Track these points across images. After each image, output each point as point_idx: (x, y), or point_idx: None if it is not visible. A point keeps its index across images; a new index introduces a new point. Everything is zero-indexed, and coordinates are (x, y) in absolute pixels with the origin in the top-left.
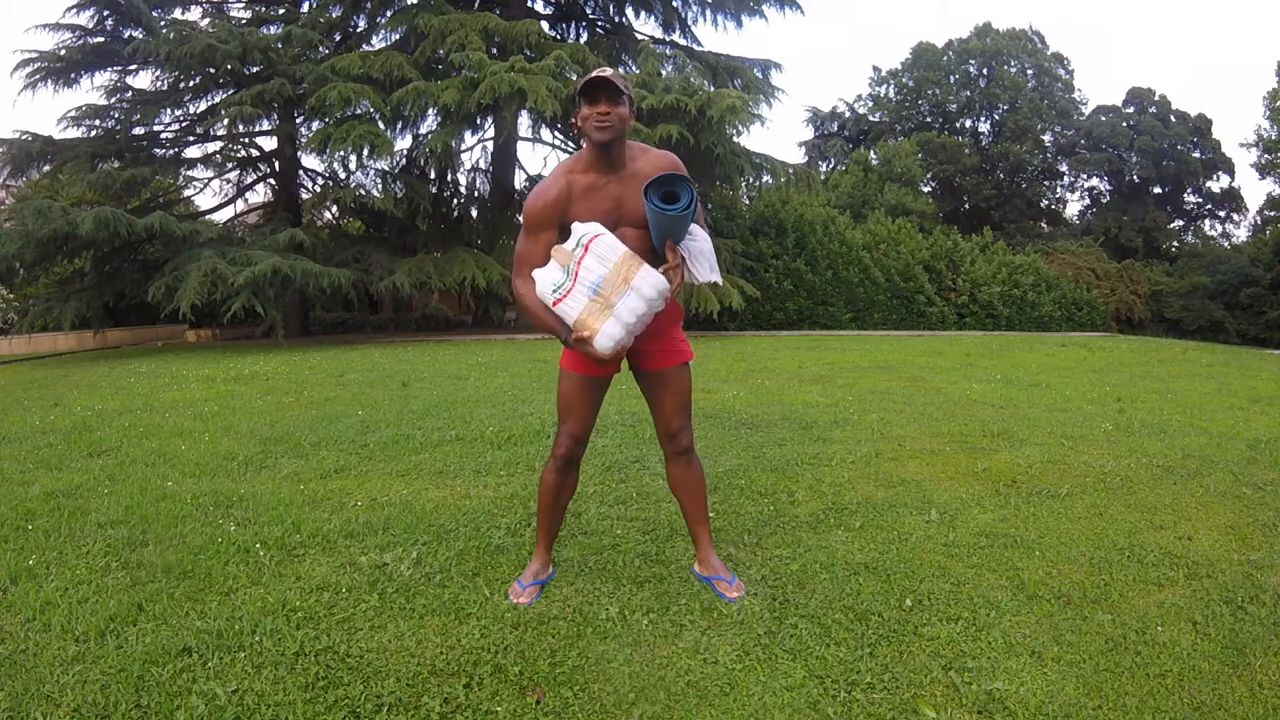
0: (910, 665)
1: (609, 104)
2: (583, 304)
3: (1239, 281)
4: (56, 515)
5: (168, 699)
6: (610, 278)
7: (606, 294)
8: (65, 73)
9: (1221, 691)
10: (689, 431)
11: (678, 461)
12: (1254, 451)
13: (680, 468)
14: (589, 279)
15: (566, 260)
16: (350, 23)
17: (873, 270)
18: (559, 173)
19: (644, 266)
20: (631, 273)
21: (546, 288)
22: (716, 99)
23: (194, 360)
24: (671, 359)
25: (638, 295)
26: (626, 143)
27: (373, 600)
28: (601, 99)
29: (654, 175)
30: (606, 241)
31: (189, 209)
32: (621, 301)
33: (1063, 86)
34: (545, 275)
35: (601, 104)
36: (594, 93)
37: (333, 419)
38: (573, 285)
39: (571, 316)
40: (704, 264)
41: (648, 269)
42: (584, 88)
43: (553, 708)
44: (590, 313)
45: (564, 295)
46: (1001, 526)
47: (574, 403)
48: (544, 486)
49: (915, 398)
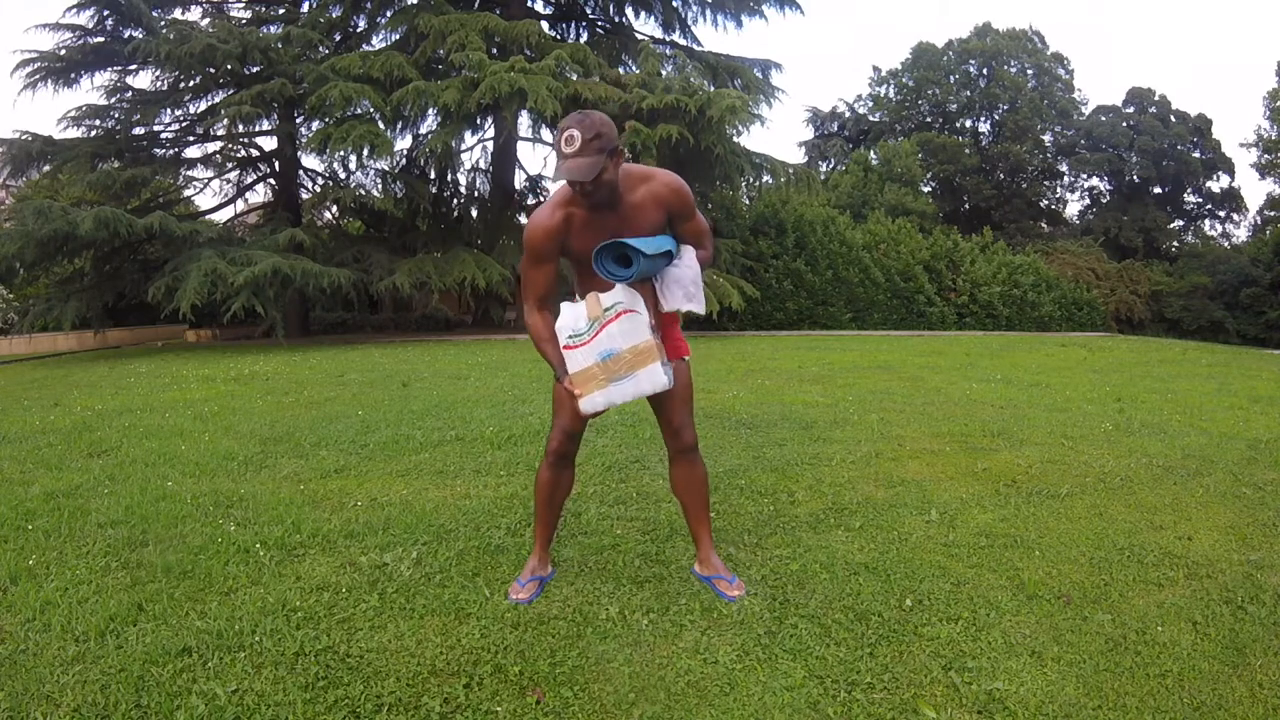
0: (910, 665)
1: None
2: (587, 364)
3: (1239, 281)
4: (56, 515)
5: (168, 699)
6: (623, 355)
7: (612, 368)
8: (65, 73)
9: (1221, 691)
10: (692, 428)
11: (681, 461)
12: (1254, 451)
13: (684, 468)
14: (605, 345)
15: (596, 314)
16: (350, 23)
17: (873, 270)
18: (558, 202)
19: (656, 363)
20: (642, 362)
21: (565, 329)
22: (716, 99)
23: (194, 360)
24: (671, 355)
25: (636, 385)
26: (623, 173)
27: (373, 600)
28: (578, 186)
29: (653, 207)
30: (638, 321)
31: (189, 209)
32: (620, 383)
33: (1063, 86)
34: (570, 318)
35: (579, 187)
36: (569, 180)
37: (333, 419)
38: (588, 342)
39: (571, 368)
40: (677, 291)
41: (657, 368)
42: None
43: (553, 708)
44: (589, 377)
45: (576, 345)
46: (1001, 526)
47: (567, 398)
48: (539, 483)
49: (915, 398)
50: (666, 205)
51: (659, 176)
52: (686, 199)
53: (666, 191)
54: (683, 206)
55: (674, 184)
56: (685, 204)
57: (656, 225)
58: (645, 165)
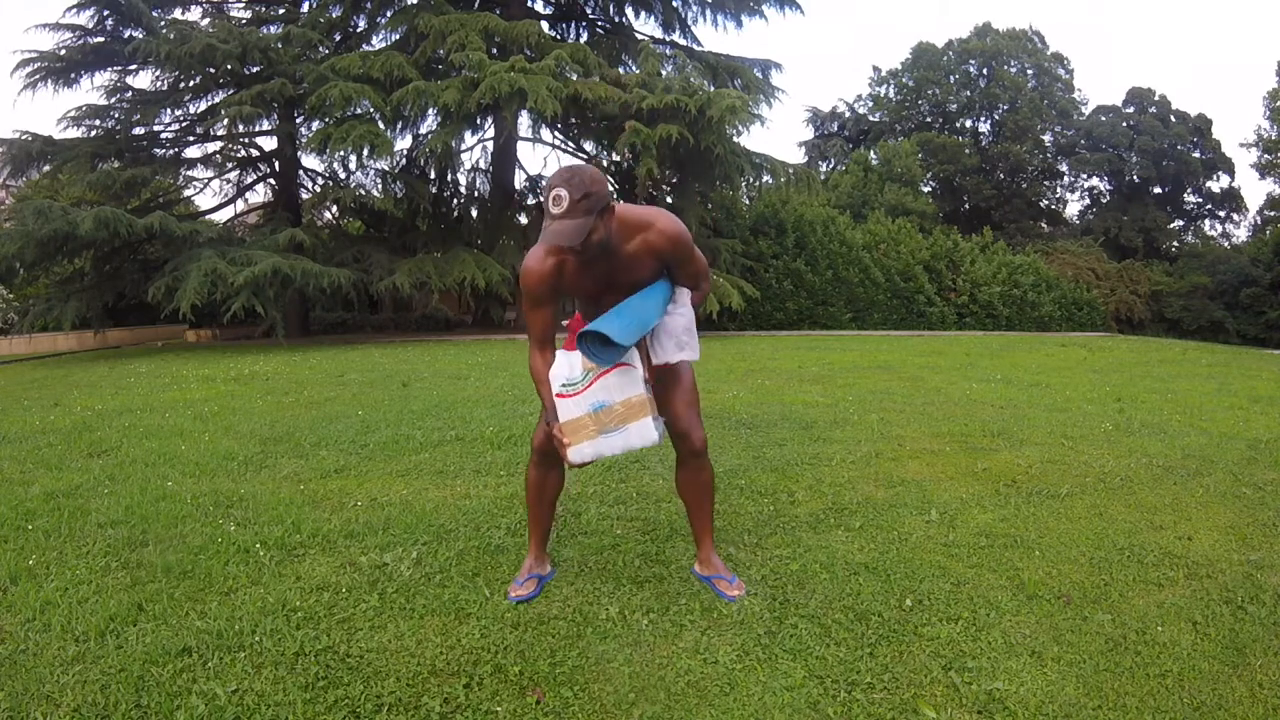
0: (910, 665)
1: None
2: (578, 414)
3: (1239, 281)
4: (56, 515)
5: (168, 699)
6: (615, 408)
7: (602, 420)
8: (65, 73)
9: (1221, 691)
10: (701, 430)
11: (690, 465)
12: (1254, 451)
13: (692, 471)
14: (597, 397)
15: (591, 365)
16: (350, 23)
17: (873, 270)
18: (550, 248)
19: (647, 419)
20: (634, 415)
21: (559, 378)
22: (716, 99)
23: (194, 360)
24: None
25: (625, 439)
26: (619, 220)
27: (373, 600)
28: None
29: (648, 257)
30: (632, 375)
31: (189, 209)
32: (609, 436)
33: (1063, 86)
34: (564, 367)
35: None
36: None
37: (333, 419)
38: (581, 392)
39: (562, 416)
40: (669, 343)
41: (648, 423)
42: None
43: (553, 708)
44: (580, 427)
45: (569, 395)
46: (1001, 526)
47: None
48: (528, 483)
49: (915, 398)
50: (662, 256)
51: (656, 224)
52: (682, 247)
53: (662, 241)
54: (679, 254)
55: (670, 233)
56: (682, 252)
57: (653, 273)
58: (643, 208)
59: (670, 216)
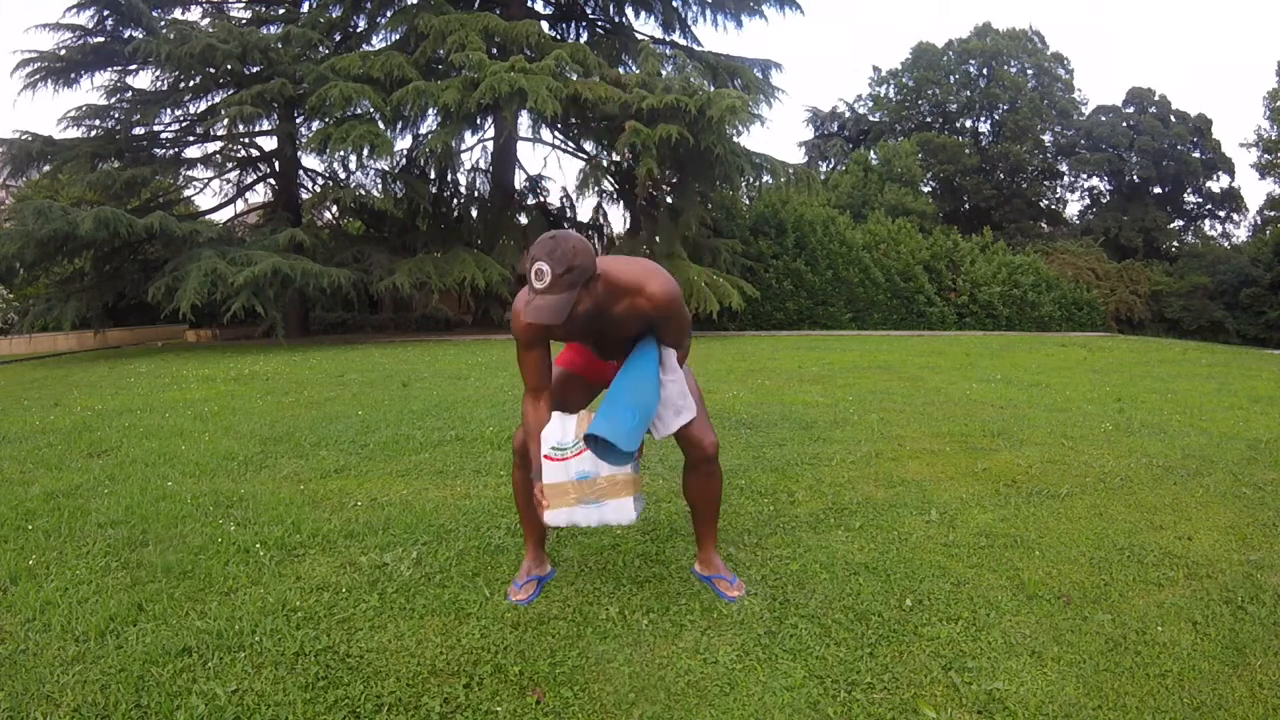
0: (910, 665)
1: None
2: (562, 480)
3: (1239, 281)
4: (56, 515)
5: (168, 699)
6: (599, 481)
7: (584, 490)
8: (65, 73)
9: (1221, 691)
10: (712, 433)
11: (701, 470)
12: (1254, 451)
13: (702, 477)
14: (584, 467)
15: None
16: (350, 23)
17: (873, 270)
18: None
19: (628, 499)
20: (616, 492)
21: (549, 439)
22: (716, 99)
23: (194, 360)
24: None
25: (601, 514)
26: (606, 283)
27: (373, 600)
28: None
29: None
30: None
31: (189, 209)
32: (587, 507)
33: (1063, 86)
34: (557, 429)
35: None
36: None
37: (333, 419)
38: (570, 458)
39: (546, 478)
40: (669, 415)
41: (628, 503)
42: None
43: (553, 708)
44: (561, 491)
45: (556, 458)
46: (1001, 526)
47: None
48: (515, 486)
49: (915, 398)
50: (650, 320)
51: (645, 289)
52: (670, 310)
53: (650, 307)
54: (667, 318)
55: (659, 299)
56: (670, 314)
57: (638, 330)
58: (633, 268)
59: (661, 279)
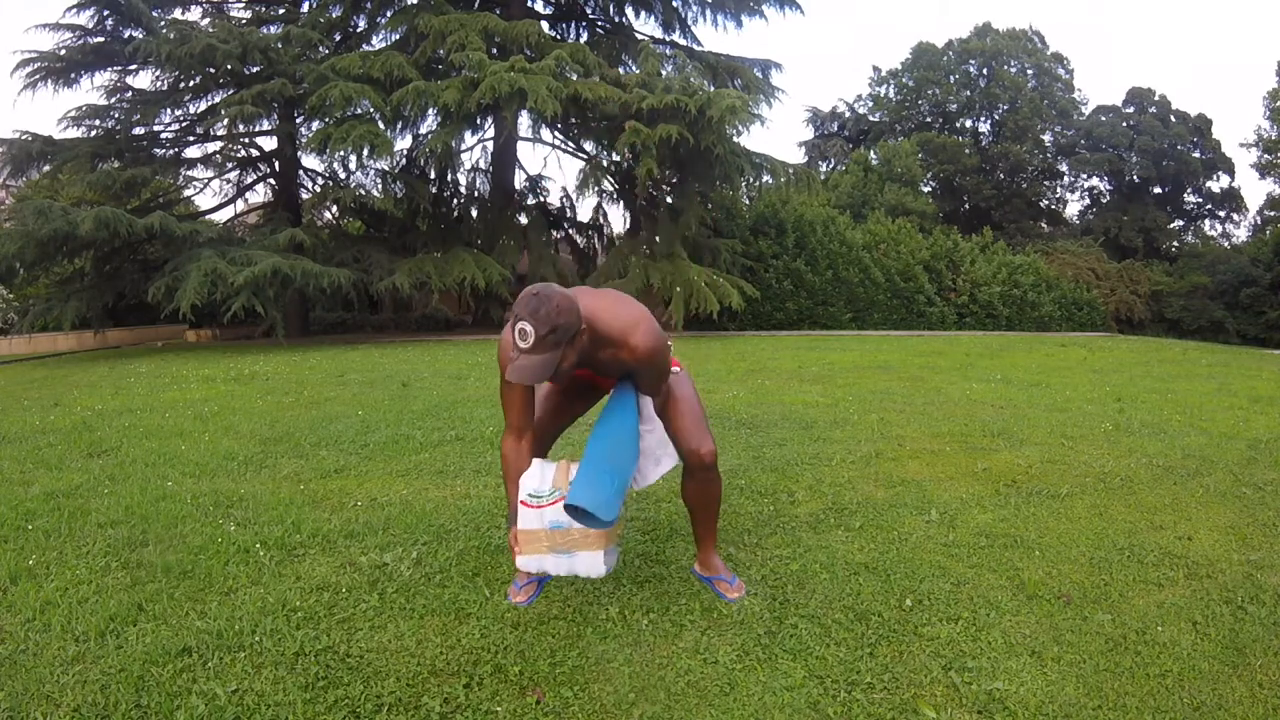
0: (910, 665)
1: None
2: (536, 527)
3: (1239, 281)
4: (56, 515)
5: (168, 699)
6: (573, 532)
7: (557, 540)
8: (65, 73)
9: (1221, 691)
10: (710, 442)
11: (698, 477)
12: (1254, 451)
13: (700, 484)
14: (559, 517)
15: (561, 484)
16: (350, 23)
17: (873, 270)
18: None
19: (599, 553)
20: (587, 545)
21: (527, 486)
22: (716, 99)
23: (194, 360)
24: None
25: (571, 564)
26: (592, 334)
27: (373, 600)
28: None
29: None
30: None
31: (189, 209)
32: (560, 555)
33: (1063, 86)
34: (535, 477)
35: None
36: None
37: (333, 419)
38: (545, 506)
39: (520, 524)
40: (649, 466)
41: (599, 556)
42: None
43: (553, 708)
44: (534, 539)
45: (531, 505)
46: (1001, 526)
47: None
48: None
49: (915, 398)
50: (628, 364)
51: (629, 342)
52: (653, 363)
53: (633, 360)
54: (649, 370)
55: (641, 353)
56: (652, 366)
57: (621, 372)
58: (621, 316)
59: (644, 331)
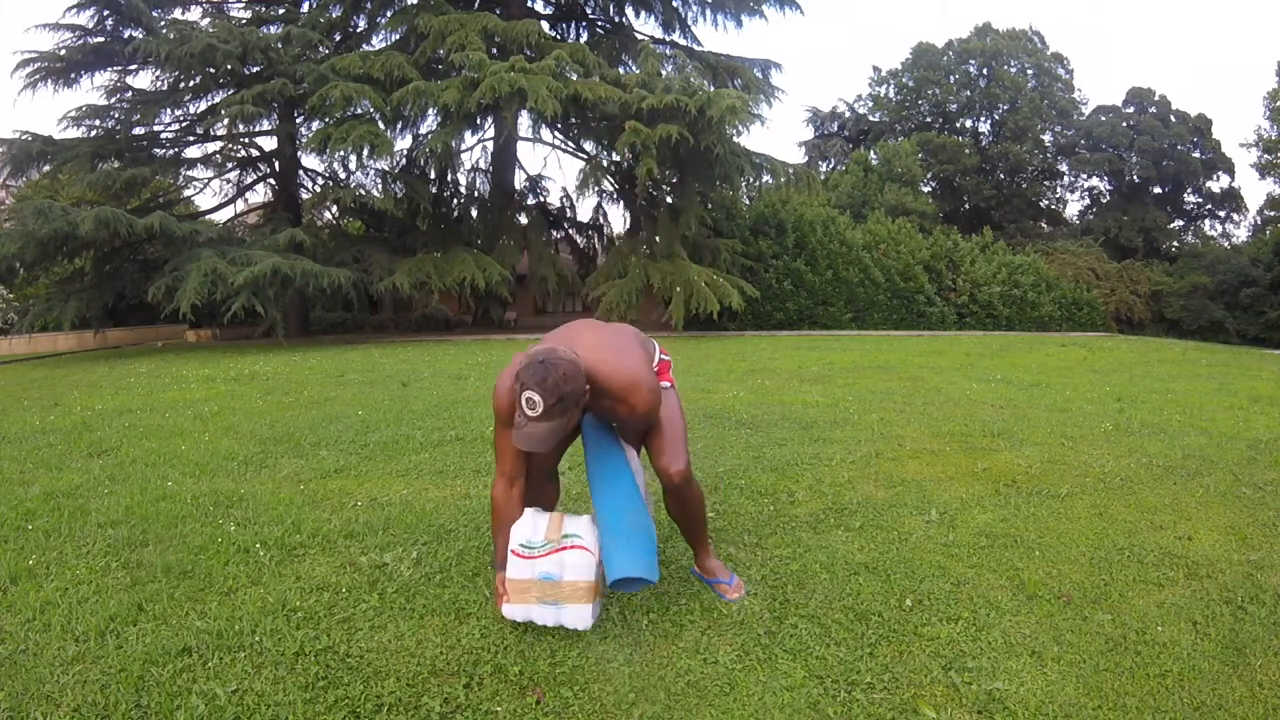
0: (910, 665)
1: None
2: (526, 577)
3: (1239, 281)
4: (56, 515)
5: (168, 699)
6: (562, 584)
7: (546, 591)
8: (65, 73)
9: (1221, 691)
10: (682, 460)
11: (672, 494)
12: (1254, 451)
13: (674, 499)
14: (549, 569)
15: (554, 537)
16: (350, 23)
17: (873, 270)
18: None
19: (586, 606)
20: (576, 598)
21: (519, 535)
22: (716, 99)
23: (194, 360)
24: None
25: (558, 615)
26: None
27: (373, 600)
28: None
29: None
30: (588, 560)
31: (189, 209)
32: (546, 606)
33: (1063, 86)
34: (528, 527)
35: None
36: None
37: (333, 419)
38: (535, 557)
39: (510, 573)
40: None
41: (586, 610)
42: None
43: (553, 708)
44: (523, 588)
45: (521, 555)
46: (1001, 526)
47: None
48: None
49: (915, 398)
50: (623, 416)
51: (630, 400)
52: (649, 418)
53: (629, 415)
54: (643, 422)
55: (641, 411)
56: (646, 421)
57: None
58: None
59: (646, 390)
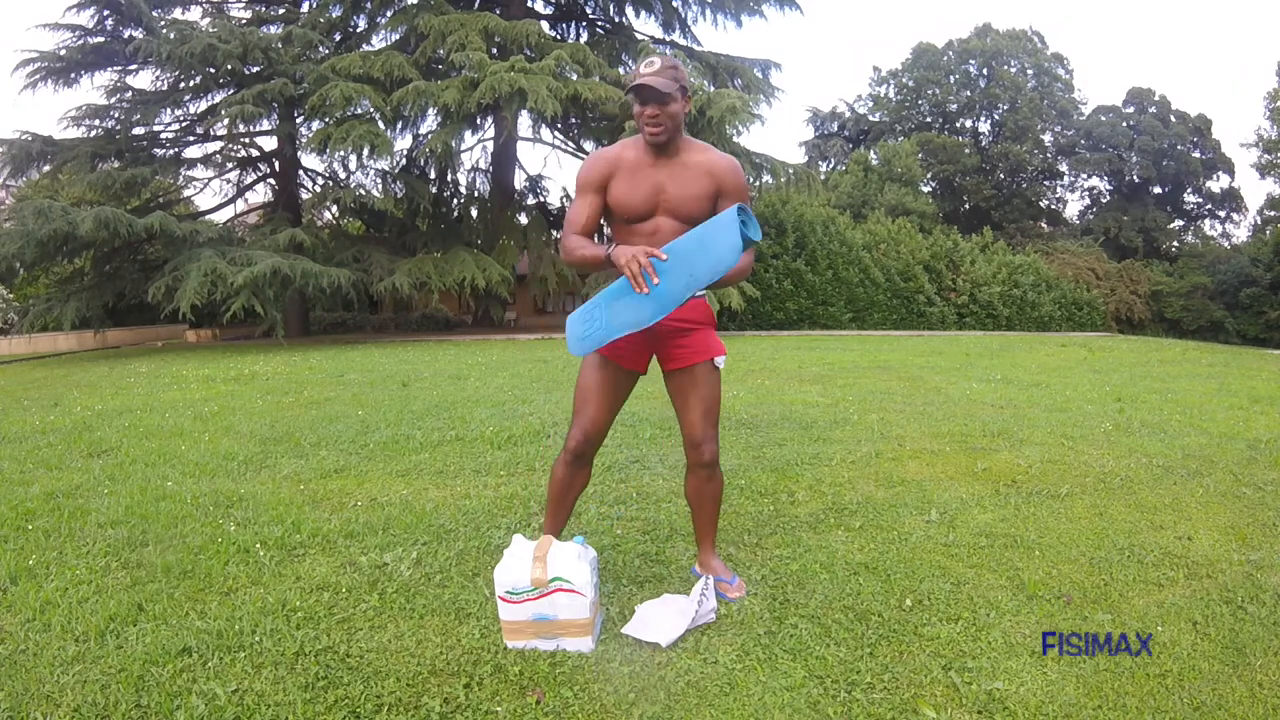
0: (910, 665)
1: (657, 106)
2: (520, 619)
3: (1239, 281)
4: (56, 515)
5: (168, 699)
6: (556, 622)
7: (541, 630)
8: (65, 72)
9: (1221, 691)
10: (714, 442)
11: (699, 474)
12: (1254, 451)
13: (700, 480)
14: (541, 610)
15: (541, 582)
16: (350, 23)
17: (873, 270)
18: (617, 145)
19: (586, 638)
20: (575, 633)
21: (505, 583)
22: (716, 99)
23: (194, 360)
24: (699, 355)
25: (559, 645)
26: (684, 138)
27: (373, 600)
28: (650, 102)
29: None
30: (580, 603)
31: (189, 209)
32: (545, 640)
33: (1063, 86)
34: (515, 573)
35: (650, 106)
36: (641, 93)
37: (333, 419)
38: (524, 601)
39: (503, 616)
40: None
41: (586, 640)
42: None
43: (553, 708)
44: (518, 629)
45: (510, 600)
46: (1001, 526)
47: (591, 395)
48: (553, 479)
49: (915, 398)
50: (719, 180)
51: (718, 153)
52: (740, 182)
53: (724, 164)
54: (735, 187)
55: (734, 164)
56: (738, 186)
57: (702, 193)
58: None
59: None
